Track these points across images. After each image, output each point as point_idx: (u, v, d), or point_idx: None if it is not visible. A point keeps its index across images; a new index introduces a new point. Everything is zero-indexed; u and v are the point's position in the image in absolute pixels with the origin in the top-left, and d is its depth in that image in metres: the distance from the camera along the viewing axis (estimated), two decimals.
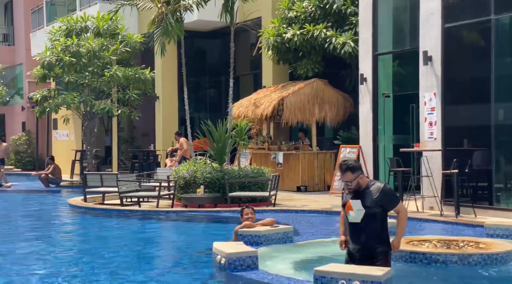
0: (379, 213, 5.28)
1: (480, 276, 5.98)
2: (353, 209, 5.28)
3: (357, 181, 5.29)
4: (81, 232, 10.34)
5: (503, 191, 10.61)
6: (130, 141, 23.51)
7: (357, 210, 5.26)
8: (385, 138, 13.65)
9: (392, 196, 5.35)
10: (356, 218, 5.25)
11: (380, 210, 5.28)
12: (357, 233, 5.32)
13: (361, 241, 5.33)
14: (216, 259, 6.23)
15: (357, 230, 5.30)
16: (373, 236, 5.29)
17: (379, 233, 5.30)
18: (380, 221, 5.30)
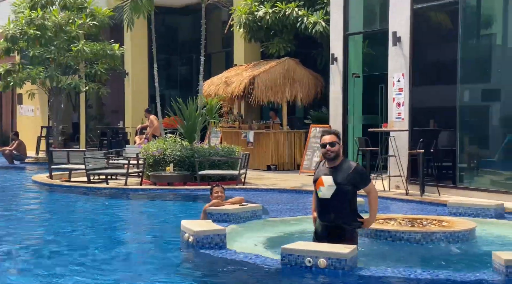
0: (349, 191, 5.38)
1: (443, 253, 6.15)
2: (324, 185, 5.38)
3: (339, 149, 5.39)
4: (45, 209, 10.25)
5: (466, 171, 10.87)
6: (99, 118, 23.24)
7: (328, 186, 5.36)
8: (355, 118, 13.80)
9: (364, 175, 5.48)
10: (327, 194, 5.36)
11: (351, 188, 5.39)
12: (326, 209, 5.42)
13: (329, 218, 5.43)
14: (184, 237, 6.26)
15: (326, 206, 5.40)
16: (341, 213, 5.40)
17: (347, 211, 5.41)
18: (350, 199, 5.41)
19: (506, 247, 6.27)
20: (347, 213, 5.42)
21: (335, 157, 5.42)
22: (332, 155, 5.41)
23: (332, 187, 5.34)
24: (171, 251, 6.25)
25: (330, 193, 5.35)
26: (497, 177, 10.42)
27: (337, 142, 5.42)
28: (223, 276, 5.39)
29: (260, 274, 5.30)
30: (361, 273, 5.07)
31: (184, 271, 5.61)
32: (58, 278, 5.13)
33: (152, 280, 5.07)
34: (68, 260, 5.84)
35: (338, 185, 5.33)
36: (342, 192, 5.33)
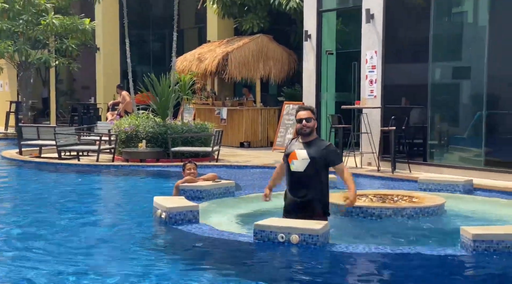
0: (322, 166, 5.43)
1: (413, 228, 6.25)
2: (298, 158, 5.41)
3: (314, 124, 5.45)
4: (15, 185, 10.11)
5: (436, 148, 11.03)
6: (69, 94, 22.90)
7: (301, 159, 5.39)
8: (328, 95, 13.84)
9: (337, 154, 5.55)
10: (300, 167, 5.39)
11: (323, 163, 5.43)
12: (298, 184, 5.45)
13: (301, 193, 5.47)
14: (157, 214, 6.24)
15: (298, 180, 5.44)
16: (313, 188, 5.43)
17: (319, 186, 5.45)
18: (322, 175, 5.46)
19: (474, 222, 6.40)
20: (319, 189, 5.46)
21: (310, 132, 5.46)
22: (307, 130, 5.45)
23: (306, 160, 5.38)
24: (143, 228, 6.23)
25: (303, 166, 5.39)
26: (467, 153, 10.60)
27: (313, 118, 5.49)
28: (196, 252, 5.41)
29: (233, 250, 5.33)
30: (333, 248, 5.13)
31: (157, 247, 5.60)
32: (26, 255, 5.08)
33: (124, 257, 5.06)
34: (37, 237, 5.78)
35: (312, 158, 5.37)
36: (315, 165, 5.39)
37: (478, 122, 10.24)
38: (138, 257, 5.08)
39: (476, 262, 4.86)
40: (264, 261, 5.08)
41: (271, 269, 4.79)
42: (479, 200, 7.72)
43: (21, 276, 4.50)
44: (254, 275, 4.56)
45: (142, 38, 21.47)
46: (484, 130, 10.07)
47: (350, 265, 4.97)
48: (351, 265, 4.97)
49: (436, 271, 4.74)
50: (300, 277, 4.59)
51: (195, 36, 19.70)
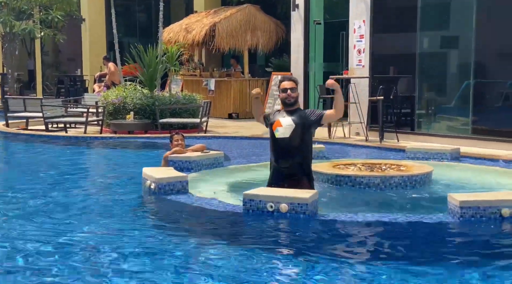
0: (307, 132, 5.49)
1: (401, 196, 6.31)
2: (282, 125, 5.46)
3: (298, 95, 5.55)
4: (3, 157, 10.05)
5: (424, 117, 11.08)
6: (55, 65, 22.65)
7: (286, 125, 5.45)
8: (316, 66, 13.81)
9: (318, 110, 5.68)
10: (285, 133, 5.44)
11: (308, 129, 5.49)
12: (283, 151, 5.49)
13: (286, 161, 5.51)
14: (146, 184, 6.24)
15: (284, 148, 5.48)
16: (298, 156, 5.47)
17: (303, 154, 5.50)
18: (306, 142, 5.52)
19: (461, 189, 6.46)
20: (304, 156, 5.51)
21: (294, 102, 5.52)
22: (292, 100, 5.50)
23: (291, 126, 5.45)
24: (132, 198, 6.23)
25: (289, 132, 5.45)
26: (454, 122, 10.66)
27: (296, 89, 5.56)
28: (186, 221, 5.43)
29: (223, 219, 5.36)
30: (322, 217, 5.17)
31: (146, 217, 5.62)
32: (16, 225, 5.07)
33: (113, 228, 5.07)
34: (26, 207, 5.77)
35: (296, 124, 5.44)
36: (300, 131, 5.45)
37: (465, 91, 10.28)
38: (127, 226, 5.09)
39: (463, 228, 4.92)
40: (253, 230, 5.11)
41: (260, 238, 4.82)
42: (466, 168, 7.79)
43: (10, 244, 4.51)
44: (243, 244, 4.60)
45: (128, 8, 21.20)
46: (471, 99, 10.12)
47: (339, 233, 5.01)
48: (340, 233, 5.02)
49: (424, 238, 4.81)
50: (290, 245, 4.63)
51: (181, 6, 19.49)
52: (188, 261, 4.17)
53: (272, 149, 5.60)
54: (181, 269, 3.99)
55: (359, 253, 4.46)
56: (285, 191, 5.35)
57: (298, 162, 5.51)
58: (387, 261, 4.19)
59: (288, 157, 5.48)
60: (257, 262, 4.10)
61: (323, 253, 4.35)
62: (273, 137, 5.55)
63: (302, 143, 5.48)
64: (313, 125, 5.58)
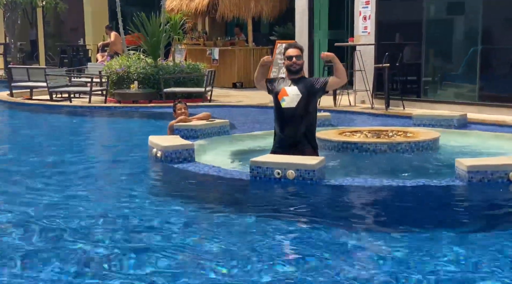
0: (312, 100, 5.46)
1: (408, 162, 6.29)
2: (288, 95, 5.42)
3: (303, 63, 5.49)
4: (9, 127, 10.05)
5: (430, 84, 11.00)
6: (58, 36, 22.48)
7: (292, 95, 5.41)
8: (321, 33, 13.67)
9: (322, 77, 5.65)
10: (291, 102, 5.41)
11: (313, 98, 5.46)
12: (289, 120, 5.47)
13: (292, 130, 5.48)
14: (152, 153, 6.23)
15: (289, 117, 5.45)
16: (303, 125, 5.45)
17: (309, 122, 5.47)
18: (312, 111, 5.48)
19: (468, 155, 6.44)
20: (309, 125, 5.49)
21: (299, 70, 5.47)
22: (297, 67, 5.46)
23: (298, 96, 5.42)
24: (138, 166, 6.23)
25: (295, 102, 5.42)
26: (461, 89, 10.58)
27: (302, 56, 5.51)
28: (192, 188, 5.44)
29: (229, 186, 5.36)
30: (329, 183, 5.16)
31: (153, 185, 5.63)
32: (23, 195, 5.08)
33: (120, 195, 5.07)
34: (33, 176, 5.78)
35: (303, 93, 5.40)
36: (306, 100, 5.42)
37: (472, 58, 10.17)
38: (133, 193, 5.10)
39: (471, 192, 4.92)
40: (260, 197, 5.12)
41: (268, 204, 4.83)
42: (474, 134, 7.75)
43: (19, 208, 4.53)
44: (250, 210, 4.60)
45: None
46: (478, 66, 10.03)
47: (346, 199, 5.02)
48: (347, 199, 5.02)
49: (431, 202, 4.80)
50: (297, 211, 4.63)
51: None
52: (195, 228, 4.18)
53: (276, 118, 5.57)
54: (187, 235, 4.00)
55: (367, 218, 4.46)
56: (292, 158, 5.34)
57: (303, 132, 5.49)
58: (395, 226, 4.19)
59: (293, 127, 5.46)
60: (264, 228, 4.10)
61: (330, 219, 4.36)
62: (278, 107, 5.51)
63: (308, 112, 5.46)
64: (318, 93, 5.57)
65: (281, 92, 5.47)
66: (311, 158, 5.31)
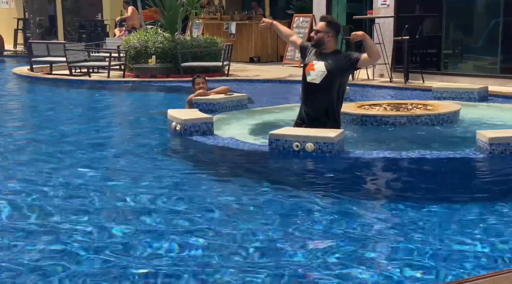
0: (340, 76, 5.35)
1: (428, 135, 6.25)
2: (315, 70, 5.35)
3: (324, 36, 5.30)
4: (30, 102, 10.15)
5: (451, 57, 10.86)
6: (76, 11, 22.49)
7: (318, 71, 5.33)
8: (339, 7, 13.52)
9: (356, 53, 5.38)
10: (316, 78, 5.34)
11: (342, 74, 5.34)
12: (312, 95, 5.41)
13: (315, 105, 5.44)
14: (172, 126, 6.26)
15: (313, 92, 5.40)
16: (326, 101, 5.39)
17: (333, 99, 5.39)
18: (337, 88, 5.38)
19: (489, 127, 6.38)
20: (332, 104, 5.41)
21: (318, 43, 5.34)
22: (313, 42, 5.37)
23: (323, 72, 5.32)
24: (159, 139, 6.28)
25: (320, 78, 5.33)
26: (482, 62, 10.44)
27: (324, 31, 5.31)
28: (211, 161, 5.48)
29: (249, 158, 5.38)
30: (348, 155, 5.15)
31: (173, 156, 5.68)
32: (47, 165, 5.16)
33: (141, 168, 5.12)
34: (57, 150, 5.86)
35: (328, 71, 5.30)
36: (332, 77, 5.31)
37: (494, 30, 10.00)
38: (155, 165, 5.15)
39: (493, 164, 4.88)
40: (280, 169, 5.14)
41: (287, 176, 4.85)
42: (495, 106, 7.67)
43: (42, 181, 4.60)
44: (269, 181, 4.62)
45: None
46: (500, 38, 9.86)
47: (365, 171, 5.02)
48: (366, 171, 5.02)
49: (452, 174, 4.78)
50: (316, 183, 4.65)
51: None
52: (215, 200, 4.21)
53: (302, 88, 5.55)
54: (208, 207, 4.04)
55: (386, 191, 4.47)
56: (311, 131, 5.33)
57: (324, 108, 5.42)
58: (415, 198, 4.19)
59: (316, 101, 5.42)
60: (283, 200, 4.12)
61: (351, 191, 4.37)
62: (304, 79, 5.47)
63: (332, 89, 5.34)
64: (348, 70, 5.44)
65: (309, 65, 5.40)
66: (330, 131, 5.29)
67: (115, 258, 3.19)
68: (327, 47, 5.36)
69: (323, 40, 5.33)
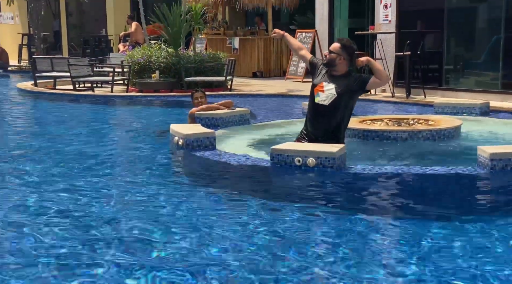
0: (349, 99, 5.36)
1: (430, 150, 6.27)
2: (324, 92, 5.36)
3: (336, 58, 5.32)
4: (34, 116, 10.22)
5: (452, 72, 10.91)
6: (80, 26, 22.70)
7: (328, 93, 5.34)
8: (341, 22, 13.60)
9: (364, 75, 5.43)
10: (325, 100, 5.35)
11: (350, 97, 5.35)
12: (320, 116, 5.44)
13: (321, 126, 5.46)
14: (174, 141, 6.30)
15: (321, 113, 5.42)
16: (334, 123, 5.42)
17: (339, 122, 5.41)
18: (345, 109, 5.39)
19: (491, 142, 6.39)
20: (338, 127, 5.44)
21: (329, 63, 5.36)
22: (325, 60, 5.40)
23: (332, 95, 5.33)
24: (161, 154, 6.31)
25: (329, 101, 5.35)
26: (483, 77, 10.48)
27: (337, 52, 5.31)
28: (215, 175, 5.49)
29: (251, 173, 5.40)
30: (350, 171, 5.17)
31: (176, 171, 5.70)
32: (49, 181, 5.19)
33: (144, 182, 5.15)
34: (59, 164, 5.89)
35: (338, 94, 5.31)
36: (341, 100, 5.33)
37: (495, 46, 10.06)
38: (157, 180, 5.17)
39: (493, 180, 4.90)
40: (281, 184, 5.16)
41: (288, 191, 4.86)
42: (496, 122, 7.69)
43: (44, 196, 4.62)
44: (271, 197, 4.64)
45: None
46: (501, 54, 9.91)
47: (366, 186, 5.02)
48: (367, 186, 5.02)
49: (453, 189, 4.80)
50: (318, 198, 4.66)
51: None
52: (216, 216, 4.23)
53: (309, 106, 5.56)
54: (209, 223, 4.05)
55: (386, 206, 4.47)
56: (313, 146, 5.35)
57: (330, 129, 5.45)
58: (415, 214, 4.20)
59: (321, 122, 5.44)
60: (285, 216, 4.14)
61: (352, 207, 4.38)
62: (311, 98, 5.49)
63: (340, 111, 5.36)
64: (358, 93, 5.43)
65: (318, 86, 5.42)
66: (331, 146, 5.32)
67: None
68: (338, 69, 5.36)
69: (334, 61, 5.34)
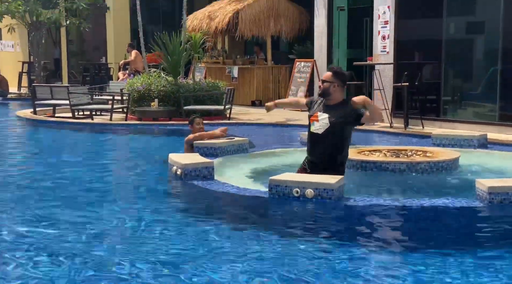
0: (343, 129, 5.39)
1: (428, 182, 6.28)
2: (319, 121, 5.41)
3: (329, 87, 5.36)
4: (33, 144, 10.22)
5: (450, 104, 10.97)
6: (81, 54, 22.86)
7: (321, 122, 5.38)
8: (339, 52, 13.72)
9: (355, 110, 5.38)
10: (319, 129, 5.40)
11: (345, 127, 5.38)
12: (316, 144, 5.47)
13: (318, 153, 5.49)
14: (172, 170, 6.30)
15: (317, 141, 5.45)
16: (329, 150, 5.44)
17: (335, 149, 5.43)
18: (340, 138, 5.41)
19: (489, 175, 6.40)
20: (335, 151, 5.46)
21: (324, 93, 5.40)
22: (320, 91, 5.45)
23: (326, 124, 5.37)
24: (160, 184, 6.31)
25: (322, 129, 5.38)
26: (481, 109, 10.54)
27: (330, 81, 5.35)
28: (212, 206, 5.48)
29: (249, 204, 5.39)
30: (348, 202, 5.17)
31: (174, 202, 5.69)
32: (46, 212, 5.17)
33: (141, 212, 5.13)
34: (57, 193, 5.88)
35: (331, 123, 5.35)
36: (335, 129, 5.36)
37: (492, 78, 10.14)
38: (155, 211, 5.15)
39: (492, 214, 4.89)
40: (279, 215, 5.15)
41: (286, 223, 4.85)
42: (494, 154, 7.70)
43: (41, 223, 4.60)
44: (269, 229, 4.63)
45: None
46: (498, 85, 9.99)
47: (364, 218, 5.01)
48: (365, 218, 5.02)
49: (451, 223, 4.79)
50: (316, 230, 4.65)
51: None
52: (214, 246, 4.21)
53: (307, 136, 5.62)
54: (206, 253, 4.03)
55: (384, 239, 4.46)
56: (311, 177, 5.36)
57: (327, 156, 5.47)
58: (413, 247, 4.19)
59: (317, 149, 5.48)
60: (283, 247, 4.12)
61: (351, 239, 4.37)
62: (308, 128, 5.54)
63: (335, 139, 5.39)
64: (352, 124, 5.46)
65: (313, 116, 5.47)
66: (330, 177, 5.32)
67: None
68: (333, 97, 5.40)
69: (328, 90, 5.38)
